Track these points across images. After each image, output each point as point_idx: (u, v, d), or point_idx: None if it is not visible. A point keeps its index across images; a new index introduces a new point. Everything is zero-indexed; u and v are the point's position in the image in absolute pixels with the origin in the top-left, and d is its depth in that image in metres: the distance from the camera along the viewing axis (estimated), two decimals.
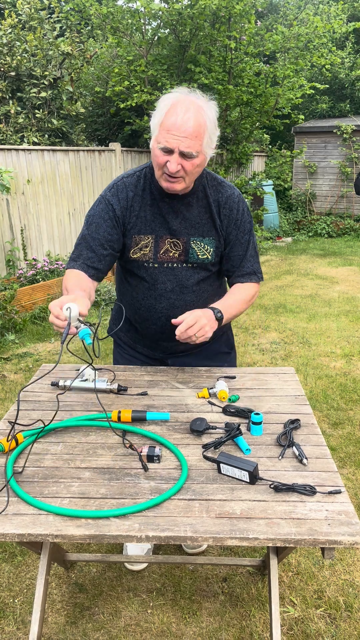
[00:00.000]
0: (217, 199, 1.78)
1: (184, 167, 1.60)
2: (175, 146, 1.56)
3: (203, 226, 1.78)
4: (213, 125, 1.62)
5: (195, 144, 1.57)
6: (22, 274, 5.94)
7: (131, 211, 1.76)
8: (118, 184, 1.78)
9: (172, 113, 1.56)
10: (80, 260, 1.76)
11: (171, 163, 1.58)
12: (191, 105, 1.56)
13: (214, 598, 2.08)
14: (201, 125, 1.57)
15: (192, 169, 1.62)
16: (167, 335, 1.88)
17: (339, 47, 12.88)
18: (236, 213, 1.80)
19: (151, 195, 1.76)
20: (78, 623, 1.98)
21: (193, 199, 1.77)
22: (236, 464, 1.33)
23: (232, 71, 7.48)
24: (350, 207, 11.25)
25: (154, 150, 1.62)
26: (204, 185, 1.78)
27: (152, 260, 1.78)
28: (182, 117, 1.54)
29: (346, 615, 2.01)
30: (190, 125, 1.54)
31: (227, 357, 2.11)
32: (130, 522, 1.20)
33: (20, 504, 1.26)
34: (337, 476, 1.36)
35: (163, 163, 1.60)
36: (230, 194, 1.81)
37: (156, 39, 7.48)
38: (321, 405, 3.61)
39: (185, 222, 1.77)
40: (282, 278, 7.43)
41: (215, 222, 1.79)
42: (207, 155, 1.65)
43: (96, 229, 1.76)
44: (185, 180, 1.65)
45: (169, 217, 1.76)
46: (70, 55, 7.29)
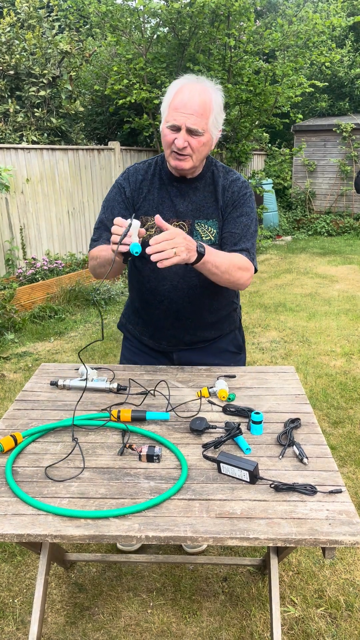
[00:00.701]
0: (224, 183, 1.83)
1: (191, 145, 1.65)
2: (182, 122, 1.62)
3: (208, 208, 1.82)
4: (219, 108, 1.70)
5: (201, 122, 1.63)
6: (22, 273, 5.93)
7: (139, 193, 1.83)
8: (130, 169, 1.88)
9: (179, 93, 1.64)
10: (101, 240, 1.84)
11: (178, 139, 1.64)
12: (198, 86, 1.65)
13: (214, 598, 2.08)
14: (207, 104, 1.64)
15: (199, 147, 1.67)
16: (170, 322, 1.89)
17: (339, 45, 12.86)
18: (237, 194, 1.82)
19: (160, 180, 1.83)
20: (78, 623, 1.97)
21: (200, 184, 1.82)
22: (236, 463, 1.33)
23: (232, 69, 7.47)
24: (349, 206, 11.24)
25: (163, 131, 1.69)
26: (212, 171, 1.84)
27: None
28: (189, 95, 1.62)
29: (347, 614, 2.00)
30: (196, 103, 1.62)
31: (235, 358, 2.07)
32: (130, 522, 1.19)
33: (19, 504, 1.25)
34: (338, 475, 1.36)
35: (171, 141, 1.66)
36: (236, 178, 1.85)
37: (155, 38, 7.46)
38: (321, 404, 3.60)
39: (191, 204, 1.81)
40: (282, 277, 7.42)
41: (219, 203, 1.82)
42: (213, 135, 1.71)
43: (111, 211, 1.84)
44: (192, 158, 1.69)
45: (176, 200, 1.81)
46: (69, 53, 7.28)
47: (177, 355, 2.00)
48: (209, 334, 1.97)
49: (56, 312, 5.62)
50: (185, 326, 1.90)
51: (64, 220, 6.87)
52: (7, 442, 1.45)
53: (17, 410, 1.70)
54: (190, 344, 1.97)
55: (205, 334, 1.96)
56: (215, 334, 1.98)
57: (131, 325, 2.06)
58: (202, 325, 1.93)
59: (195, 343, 1.97)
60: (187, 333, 1.92)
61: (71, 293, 5.94)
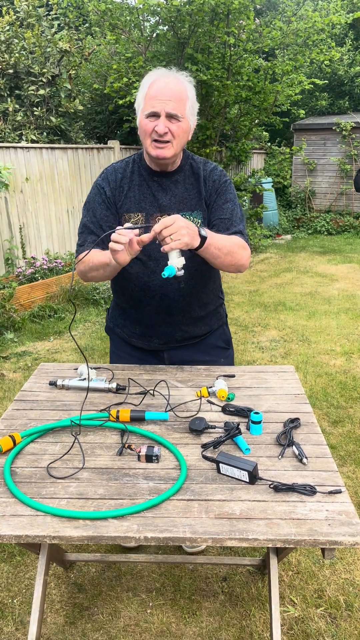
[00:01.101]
0: (203, 173, 1.86)
1: (171, 130, 1.68)
2: (161, 109, 1.65)
3: (191, 200, 1.83)
4: (193, 97, 1.74)
5: (179, 107, 1.67)
6: (21, 273, 5.92)
7: (120, 191, 1.83)
8: (108, 169, 1.89)
9: (154, 85, 1.68)
10: (86, 244, 1.83)
11: (159, 125, 1.66)
12: (172, 77, 1.70)
13: (214, 598, 2.07)
14: (183, 91, 1.69)
15: (179, 132, 1.69)
16: (162, 318, 1.89)
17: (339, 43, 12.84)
18: (218, 182, 1.86)
19: (140, 176, 1.83)
20: (77, 623, 1.97)
21: (180, 176, 1.83)
22: (235, 463, 1.32)
23: (231, 68, 7.46)
24: (349, 205, 11.23)
25: (141, 122, 1.71)
26: (190, 163, 1.87)
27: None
28: (164, 84, 1.67)
29: (347, 614, 2.00)
30: (173, 90, 1.66)
31: (224, 353, 2.10)
32: (129, 522, 1.19)
33: (17, 504, 1.25)
34: (338, 475, 1.35)
35: (151, 129, 1.68)
36: (214, 167, 1.89)
37: (155, 36, 7.44)
38: (321, 403, 3.60)
39: (174, 198, 1.82)
40: (282, 276, 7.41)
41: (202, 194, 1.84)
42: (191, 122, 1.74)
43: (93, 213, 1.84)
44: (173, 144, 1.71)
45: (158, 194, 1.81)
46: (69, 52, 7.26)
47: (168, 354, 1.99)
48: (199, 329, 1.97)
49: (56, 312, 5.61)
50: (177, 322, 1.90)
51: (63, 220, 6.86)
52: (5, 442, 1.45)
53: (16, 410, 1.69)
54: (181, 340, 1.96)
55: (196, 329, 1.96)
56: (205, 330, 1.99)
57: (119, 329, 2.04)
58: (192, 320, 1.93)
59: (186, 340, 1.97)
60: (178, 329, 1.91)
61: (71, 292, 5.93)
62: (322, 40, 7.75)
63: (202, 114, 7.78)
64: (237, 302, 6.15)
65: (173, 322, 1.89)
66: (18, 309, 5.38)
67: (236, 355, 4.44)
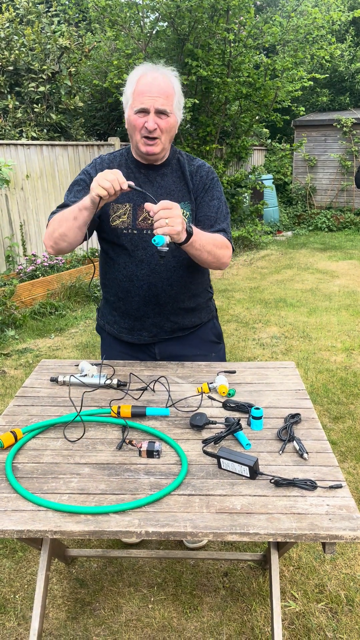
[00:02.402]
0: (190, 168, 1.90)
1: (160, 126, 1.71)
2: (150, 105, 1.68)
3: (178, 192, 1.86)
4: (179, 91, 1.77)
5: (168, 102, 1.70)
6: (22, 270, 5.92)
7: None
8: (96, 159, 1.93)
9: (142, 80, 1.70)
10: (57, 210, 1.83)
11: (148, 121, 1.69)
12: (158, 73, 1.73)
13: (215, 593, 2.08)
14: (170, 88, 1.72)
15: (168, 128, 1.73)
16: (150, 309, 1.89)
17: (339, 39, 12.80)
18: (206, 179, 1.89)
19: (127, 168, 1.86)
20: (79, 618, 1.98)
21: (167, 170, 1.87)
22: (236, 458, 1.33)
23: (231, 64, 7.44)
24: (350, 201, 11.21)
25: (130, 117, 1.73)
26: (177, 158, 1.90)
27: (131, 227, 1.84)
28: (152, 80, 1.70)
29: (347, 609, 2.00)
30: (161, 86, 1.69)
31: (215, 347, 2.11)
32: (130, 517, 1.19)
33: (19, 500, 1.25)
34: (338, 470, 1.35)
35: (141, 125, 1.71)
36: (202, 164, 1.92)
37: (155, 32, 7.43)
38: (322, 399, 3.60)
39: (161, 189, 1.85)
40: (283, 272, 7.41)
41: (189, 187, 1.87)
42: (178, 117, 1.78)
43: (75, 194, 1.85)
44: (161, 140, 1.75)
45: (145, 186, 1.84)
46: (69, 49, 7.25)
47: (159, 348, 1.99)
48: (188, 321, 1.97)
49: (56, 309, 5.62)
50: (166, 312, 1.90)
51: None
52: (7, 438, 1.45)
53: (17, 407, 1.70)
54: (170, 332, 1.95)
55: (185, 320, 1.96)
56: (194, 322, 1.99)
57: (109, 325, 2.04)
58: (181, 311, 1.93)
59: (176, 331, 1.97)
60: (167, 320, 1.92)
61: (71, 289, 5.94)
62: (322, 37, 7.73)
63: (202, 111, 7.76)
64: (237, 298, 6.15)
65: (161, 313, 1.90)
66: (19, 306, 5.39)
67: (237, 352, 4.45)
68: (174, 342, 1.99)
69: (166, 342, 1.98)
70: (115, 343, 2.05)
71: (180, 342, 2.00)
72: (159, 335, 1.96)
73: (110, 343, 2.08)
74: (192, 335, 2.02)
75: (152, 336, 1.96)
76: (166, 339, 1.98)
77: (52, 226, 1.79)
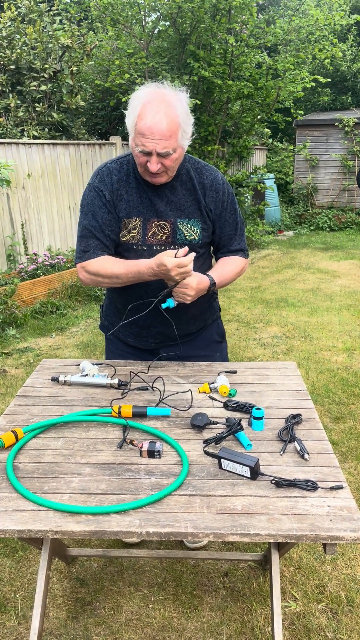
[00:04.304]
0: (202, 182, 1.83)
1: (164, 164, 1.66)
2: (152, 149, 1.61)
3: (188, 208, 1.82)
4: (186, 117, 1.66)
5: (171, 143, 1.62)
6: (23, 269, 5.92)
7: (118, 195, 1.80)
8: (102, 170, 1.83)
9: (143, 116, 1.59)
10: (91, 249, 1.81)
11: (151, 164, 1.64)
12: (161, 105, 1.60)
13: (216, 593, 2.08)
14: (174, 123, 1.61)
15: (172, 164, 1.68)
16: (158, 320, 1.88)
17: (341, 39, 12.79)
18: (222, 195, 1.86)
19: (136, 180, 1.80)
20: (79, 618, 1.98)
21: (177, 183, 1.81)
22: (237, 459, 1.32)
23: (233, 64, 7.43)
24: (352, 201, 11.20)
25: (134, 151, 1.67)
26: (187, 168, 1.82)
27: (141, 243, 1.81)
28: (154, 119, 1.58)
29: (348, 609, 2.00)
30: (163, 127, 1.58)
31: (219, 347, 2.12)
32: (131, 518, 1.19)
33: (20, 499, 1.25)
34: (339, 471, 1.35)
35: (144, 163, 1.66)
36: (215, 176, 1.86)
37: (156, 32, 7.42)
38: (323, 399, 3.60)
39: (170, 204, 1.80)
40: (284, 272, 7.41)
41: (201, 204, 1.83)
42: (184, 147, 1.70)
43: (93, 217, 1.80)
44: (167, 173, 1.71)
45: (154, 199, 1.79)
46: (70, 48, 7.24)
47: (165, 351, 1.99)
48: (194, 326, 1.98)
49: (58, 308, 5.62)
50: (173, 321, 1.89)
51: (65, 216, 6.86)
52: (8, 437, 1.45)
53: (18, 406, 1.70)
54: (176, 339, 1.95)
55: (191, 327, 1.97)
56: (200, 326, 2.00)
57: (113, 327, 2.03)
58: (188, 319, 1.93)
59: (182, 337, 1.97)
60: (174, 328, 1.91)
61: (72, 288, 5.94)
62: (324, 37, 7.71)
63: (204, 110, 7.75)
64: (238, 298, 6.15)
65: (169, 323, 1.88)
66: (20, 305, 5.39)
67: (238, 352, 4.45)
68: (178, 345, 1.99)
69: (172, 346, 1.98)
70: (120, 343, 2.05)
71: (186, 345, 2.00)
72: (164, 341, 1.97)
73: (114, 343, 2.07)
74: (198, 337, 2.02)
75: (158, 342, 1.97)
76: (171, 344, 1.98)
77: (97, 277, 1.79)
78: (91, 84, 8.53)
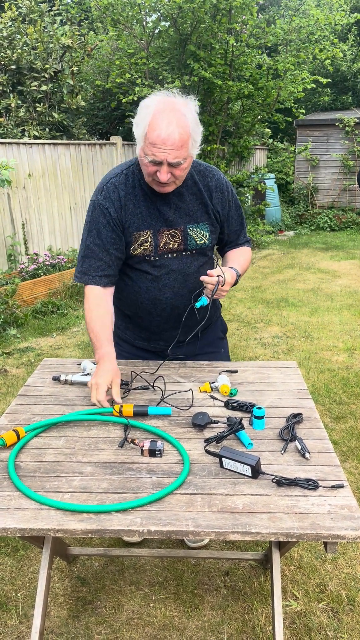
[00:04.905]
0: (207, 184, 1.83)
1: (174, 174, 1.64)
2: (163, 158, 1.58)
3: (196, 212, 1.82)
4: (196, 126, 1.64)
5: (182, 153, 1.60)
6: (24, 269, 5.93)
7: (126, 210, 1.77)
8: (108, 186, 1.78)
9: (155, 126, 1.56)
10: (91, 272, 1.80)
11: (161, 174, 1.62)
12: (172, 115, 1.57)
13: (216, 592, 2.08)
14: (185, 134, 1.59)
15: (181, 173, 1.66)
16: (171, 325, 1.90)
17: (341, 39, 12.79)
18: (227, 194, 1.88)
19: (142, 191, 1.77)
20: (80, 617, 1.98)
21: (183, 188, 1.80)
22: (238, 458, 1.33)
23: (234, 64, 7.43)
24: (352, 201, 11.20)
25: (142, 160, 1.64)
26: (190, 172, 1.81)
27: (153, 254, 1.80)
28: (166, 130, 1.56)
29: (348, 608, 2.01)
30: (175, 138, 1.56)
31: (222, 343, 2.15)
32: (132, 516, 1.20)
33: (21, 498, 1.25)
34: (340, 470, 1.36)
35: (153, 172, 1.64)
36: (218, 177, 1.87)
37: (157, 32, 7.42)
38: (323, 399, 3.60)
39: (179, 211, 1.80)
40: (284, 272, 7.41)
41: (208, 207, 1.83)
42: (193, 155, 1.69)
43: (97, 235, 1.78)
44: (175, 183, 1.69)
45: (163, 209, 1.78)
46: (71, 48, 7.24)
47: (172, 350, 1.98)
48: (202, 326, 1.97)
49: (58, 308, 5.62)
50: (184, 326, 1.89)
51: (66, 216, 6.87)
52: (9, 436, 1.46)
53: (20, 405, 1.70)
54: (185, 339, 1.96)
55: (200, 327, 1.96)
56: (206, 324, 2.00)
57: (121, 331, 2.04)
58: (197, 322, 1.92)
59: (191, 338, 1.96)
60: (184, 332, 1.92)
61: (73, 288, 5.94)
62: (324, 37, 7.71)
63: (204, 110, 7.76)
64: (239, 298, 6.15)
65: (179, 327, 1.89)
66: (21, 305, 5.39)
67: (238, 352, 4.45)
68: (188, 346, 1.99)
69: (179, 347, 1.98)
70: (126, 345, 2.05)
71: (193, 344, 2.00)
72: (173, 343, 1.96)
73: (120, 345, 2.07)
74: (204, 335, 2.02)
75: (167, 345, 1.96)
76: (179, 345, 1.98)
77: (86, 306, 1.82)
78: (92, 84, 8.53)
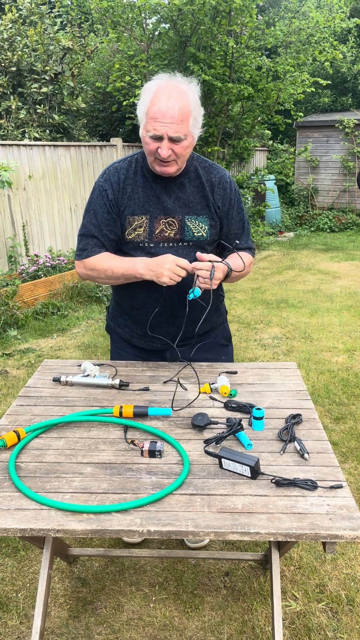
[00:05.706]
0: (210, 179, 1.85)
1: (175, 151, 1.66)
2: (163, 132, 1.61)
3: (197, 205, 1.83)
4: (197, 106, 1.69)
5: (182, 128, 1.62)
6: (24, 270, 5.94)
7: (123, 193, 1.80)
8: (109, 169, 1.84)
9: (156, 101, 1.61)
10: (89, 247, 1.83)
11: (162, 149, 1.64)
12: (173, 90, 1.62)
13: (216, 592, 2.09)
14: (185, 108, 1.62)
15: (183, 151, 1.68)
16: (165, 319, 1.89)
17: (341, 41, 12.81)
18: (230, 193, 1.87)
19: (143, 177, 1.81)
20: (81, 617, 1.99)
21: (185, 179, 1.81)
22: (238, 458, 1.33)
23: (234, 66, 7.44)
24: (352, 202, 11.22)
25: (144, 139, 1.68)
26: (195, 166, 1.84)
27: (147, 240, 1.81)
28: (166, 103, 1.60)
29: (348, 609, 2.01)
30: (175, 111, 1.60)
31: (225, 350, 2.12)
32: (132, 516, 1.20)
33: (22, 499, 1.26)
34: (339, 471, 1.36)
35: (154, 149, 1.66)
36: (222, 174, 1.88)
37: (157, 34, 7.44)
38: (323, 400, 3.61)
39: (178, 201, 1.81)
40: (284, 273, 7.42)
41: (209, 201, 1.84)
42: (194, 135, 1.71)
43: (94, 215, 1.82)
44: (177, 162, 1.71)
45: (162, 197, 1.80)
46: (71, 50, 7.26)
47: (171, 353, 1.99)
48: (201, 329, 1.96)
49: (59, 309, 5.63)
50: (179, 323, 1.89)
51: (66, 217, 6.88)
52: (10, 437, 1.46)
53: (20, 407, 1.71)
54: (182, 340, 1.95)
55: (198, 329, 1.96)
56: (206, 328, 1.99)
57: (119, 328, 2.04)
58: (195, 321, 1.92)
59: (188, 339, 1.96)
60: (181, 330, 1.91)
61: (73, 290, 5.95)
62: (324, 39, 7.73)
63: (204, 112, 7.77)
64: (239, 299, 6.16)
65: (175, 323, 1.89)
66: (21, 307, 5.40)
67: (238, 353, 4.45)
68: (185, 348, 1.98)
69: (178, 348, 1.98)
70: (126, 345, 2.06)
71: (192, 348, 1.99)
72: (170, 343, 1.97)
73: (120, 344, 2.08)
74: (204, 340, 2.01)
75: (164, 344, 1.96)
76: (178, 346, 1.98)
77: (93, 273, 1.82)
78: (92, 86, 8.55)
